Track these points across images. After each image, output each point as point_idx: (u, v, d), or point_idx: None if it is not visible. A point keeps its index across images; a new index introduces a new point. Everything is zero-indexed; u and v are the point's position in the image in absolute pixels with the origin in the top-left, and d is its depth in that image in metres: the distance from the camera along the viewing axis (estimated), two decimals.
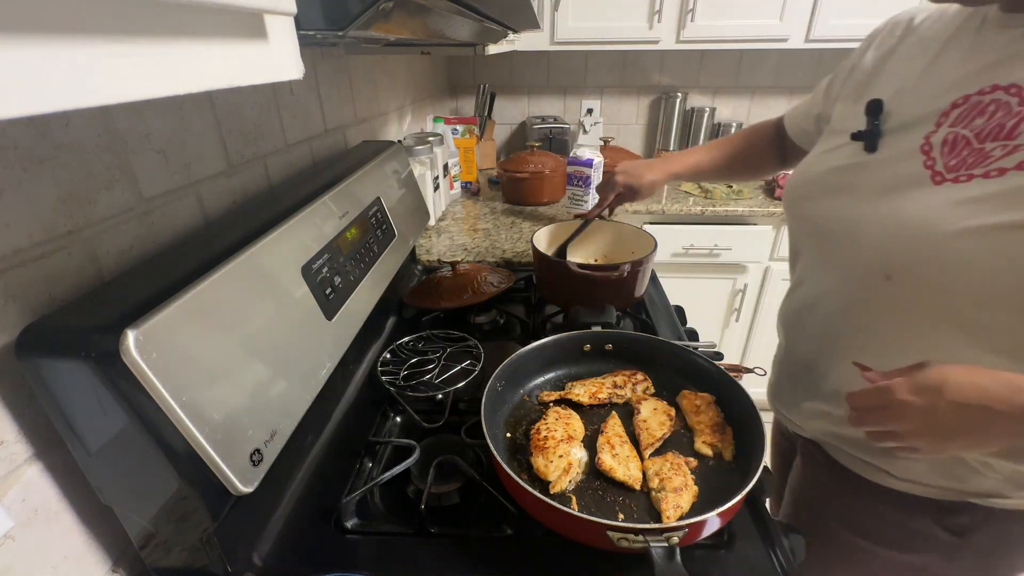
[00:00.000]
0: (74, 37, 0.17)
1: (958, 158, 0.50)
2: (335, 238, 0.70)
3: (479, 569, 0.55)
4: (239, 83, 0.25)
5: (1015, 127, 0.47)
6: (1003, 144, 0.47)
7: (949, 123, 0.52)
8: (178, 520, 0.47)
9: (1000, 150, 0.47)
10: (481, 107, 1.95)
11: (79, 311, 0.43)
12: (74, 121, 0.47)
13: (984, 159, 0.48)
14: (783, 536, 0.57)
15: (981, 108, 0.50)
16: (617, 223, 1.10)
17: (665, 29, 1.69)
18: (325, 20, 0.44)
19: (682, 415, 0.69)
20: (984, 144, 0.49)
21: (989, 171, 0.47)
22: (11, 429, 0.43)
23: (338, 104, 1.06)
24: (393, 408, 0.79)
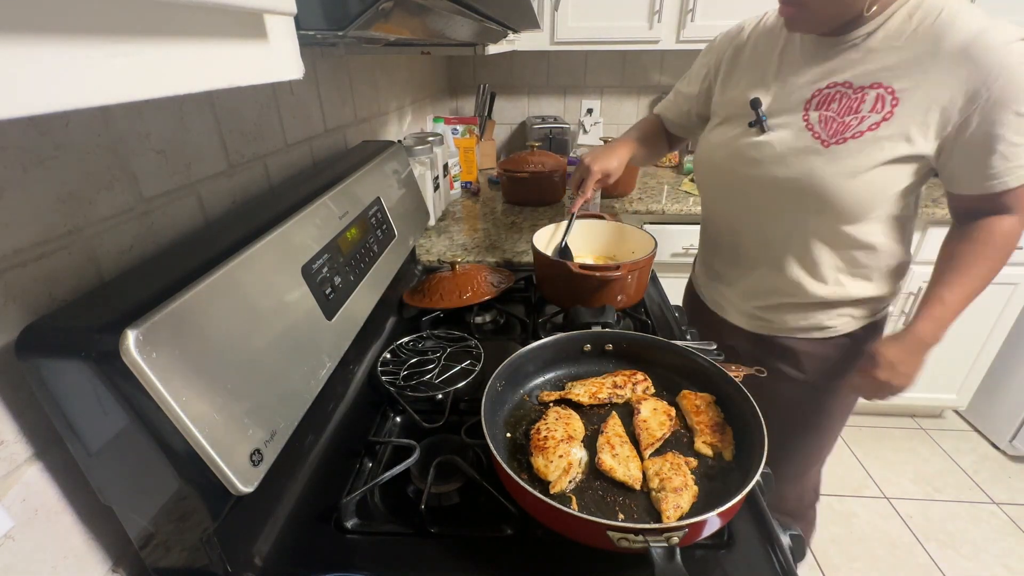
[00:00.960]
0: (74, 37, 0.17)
1: (832, 130, 0.77)
2: (335, 238, 0.70)
3: (479, 569, 0.55)
4: (239, 83, 0.25)
5: (857, 106, 0.76)
6: (855, 117, 0.76)
7: (814, 107, 0.79)
8: (178, 520, 0.47)
9: (855, 121, 0.76)
10: (481, 107, 1.95)
11: (79, 311, 0.43)
12: (74, 121, 0.47)
13: (847, 128, 0.76)
14: (783, 536, 0.57)
15: (831, 97, 0.78)
16: (617, 223, 1.10)
17: (665, 29, 1.69)
18: (325, 20, 0.44)
19: (682, 415, 0.69)
20: (844, 118, 0.77)
21: (855, 134, 0.76)
22: (11, 429, 0.43)
23: (338, 104, 1.06)
24: (393, 408, 0.79)
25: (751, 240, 0.92)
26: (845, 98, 0.76)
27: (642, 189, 1.82)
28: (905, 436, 2.01)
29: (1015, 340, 1.80)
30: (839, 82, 0.77)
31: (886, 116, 0.74)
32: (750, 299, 0.96)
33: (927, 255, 1.66)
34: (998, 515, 1.68)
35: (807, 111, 0.80)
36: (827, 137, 0.77)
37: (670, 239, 1.66)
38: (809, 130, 0.79)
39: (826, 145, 0.77)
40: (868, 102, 0.75)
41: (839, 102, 0.77)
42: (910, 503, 1.73)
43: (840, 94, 0.77)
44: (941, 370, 1.87)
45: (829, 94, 0.78)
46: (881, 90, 0.74)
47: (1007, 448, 1.89)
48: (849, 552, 1.56)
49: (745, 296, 0.97)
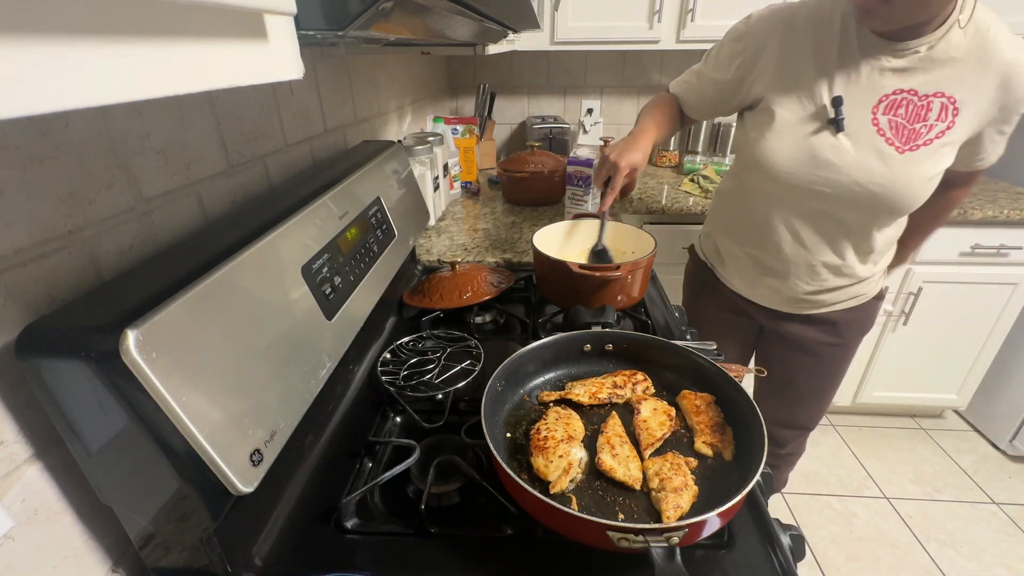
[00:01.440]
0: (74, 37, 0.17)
1: (903, 136, 0.81)
2: (335, 238, 0.70)
3: (479, 569, 0.55)
4: (239, 83, 0.25)
5: (925, 114, 0.80)
6: (923, 125, 0.80)
7: (882, 111, 0.81)
8: (178, 520, 0.47)
9: (924, 129, 0.80)
10: (481, 107, 1.95)
11: (79, 311, 0.43)
12: (74, 121, 0.47)
13: (918, 136, 0.81)
14: (783, 536, 0.57)
15: (898, 103, 0.81)
16: (617, 223, 1.10)
17: (665, 29, 1.69)
18: (325, 20, 0.44)
19: (682, 415, 0.69)
20: (913, 125, 0.80)
21: (925, 142, 0.81)
22: (11, 429, 0.43)
23: (338, 104, 1.06)
24: (393, 408, 0.79)
25: (812, 235, 0.93)
26: (912, 105, 0.80)
27: (642, 189, 1.82)
28: (905, 436, 2.01)
29: (1015, 340, 1.80)
30: (905, 89, 0.80)
31: (950, 125, 0.79)
32: (802, 287, 0.99)
33: (927, 255, 1.66)
34: (998, 515, 1.68)
35: (875, 115, 0.81)
36: (901, 144, 0.81)
37: (670, 239, 1.67)
38: (881, 135, 0.81)
39: (901, 152, 0.81)
40: (934, 111, 0.79)
41: (906, 108, 0.80)
42: (910, 503, 1.73)
43: (907, 101, 0.80)
44: (941, 370, 1.88)
45: (896, 100, 0.80)
46: (944, 99, 0.78)
47: (1007, 448, 1.89)
48: (849, 552, 1.57)
49: (796, 285, 0.99)
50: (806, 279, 0.97)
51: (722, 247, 1.10)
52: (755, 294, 1.07)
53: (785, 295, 1.02)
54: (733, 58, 0.94)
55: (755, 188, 0.97)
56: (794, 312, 1.04)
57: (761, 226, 0.98)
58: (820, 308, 1.02)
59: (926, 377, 1.90)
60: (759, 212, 0.98)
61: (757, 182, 0.96)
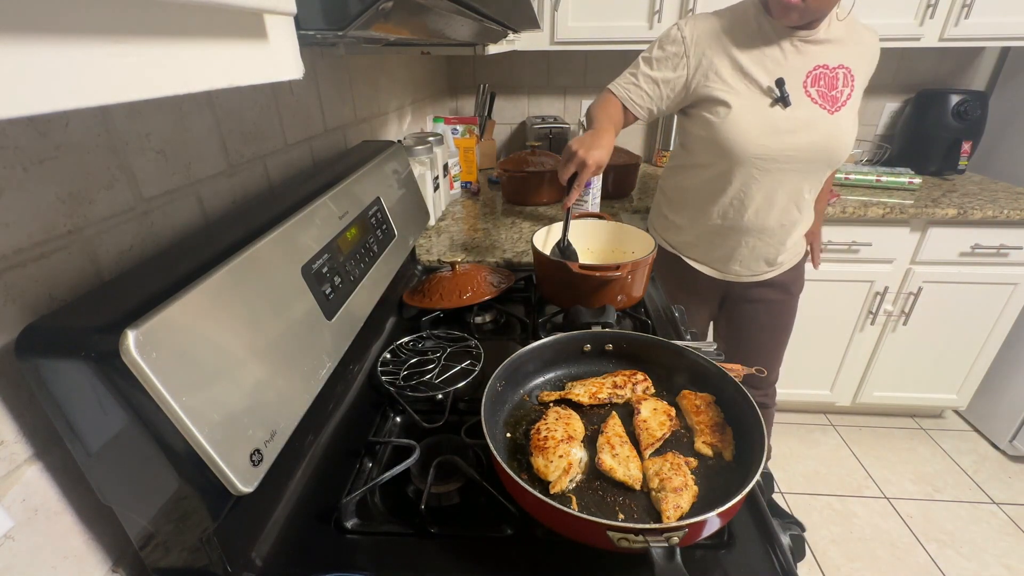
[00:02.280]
0: (74, 37, 0.17)
1: (828, 100, 1.03)
2: (335, 238, 0.70)
3: (479, 569, 0.55)
4: (239, 83, 0.25)
5: (835, 83, 1.03)
6: (836, 91, 1.04)
7: (810, 84, 1.02)
8: (178, 520, 0.47)
9: (839, 94, 1.04)
10: (481, 107, 1.95)
11: (79, 311, 0.43)
12: (74, 121, 0.47)
13: (837, 100, 1.04)
14: (783, 536, 0.57)
15: (817, 77, 1.03)
16: (617, 223, 1.10)
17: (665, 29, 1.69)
18: (325, 20, 0.44)
19: (682, 415, 0.69)
20: (831, 92, 1.03)
21: (842, 104, 1.04)
22: (11, 429, 0.43)
23: (338, 104, 1.06)
24: (393, 408, 0.79)
25: (780, 198, 1.10)
26: (826, 76, 1.03)
27: (642, 189, 1.82)
28: (905, 436, 2.01)
29: (1015, 340, 1.80)
30: (820, 64, 1.02)
31: (852, 88, 1.04)
32: (767, 250, 1.17)
33: (927, 255, 1.66)
34: (998, 515, 1.68)
35: (806, 88, 1.02)
36: (830, 107, 1.03)
37: None
38: (815, 103, 1.02)
39: (832, 113, 1.03)
40: (840, 79, 1.03)
41: (824, 80, 1.03)
42: (910, 503, 1.73)
43: (822, 74, 1.03)
44: (941, 370, 1.88)
45: (816, 74, 1.02)
46: (844, 70, 1.03)
47: (1007, 448, 1.89)
48: (849, 552, 1.57)
49: (763, 248, 1.16)
50: (775, 239, 1.15)
51: (692, 232, 1.23)
52: (728, 270, 1.23)
53: (760, 256, 1.18)
54: (679, 58, 1.07)
55: (725, 167, 1.09)
56: (759, 279, 1.23)
57: (738, 199, 1.12)
58: (779, 268, 1.23)
59: (926, 377, 1.90)
60: (734, 187, 1.11)
61: (727, 161, 1.08)
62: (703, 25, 1.06)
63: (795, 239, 1.18)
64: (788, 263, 1.23)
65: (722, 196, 1.12)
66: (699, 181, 1.16)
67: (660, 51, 1.08)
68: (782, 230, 1.14)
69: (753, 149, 1.04)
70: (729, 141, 1.05)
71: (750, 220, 1.12)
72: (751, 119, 1.03)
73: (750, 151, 1.04)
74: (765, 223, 1.13)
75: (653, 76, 1.09)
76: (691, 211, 1.20)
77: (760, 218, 1.12)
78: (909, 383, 1.91)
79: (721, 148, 1.06)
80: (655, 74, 1.09)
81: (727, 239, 1.18)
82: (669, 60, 1.08)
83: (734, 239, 1.17)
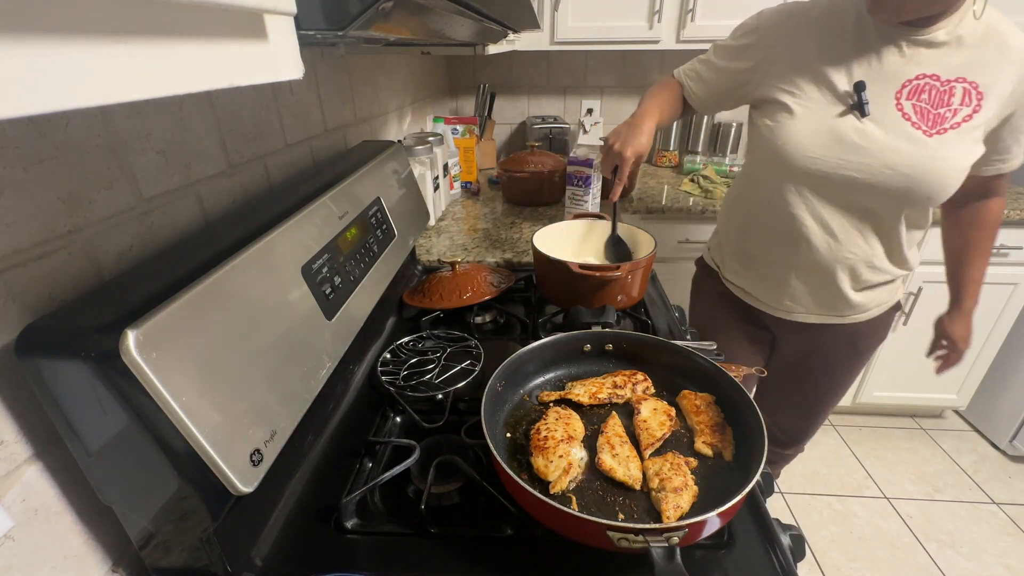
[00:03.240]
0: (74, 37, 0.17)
1: (929, 120, 0.80)
2: (335, 238, 0.70)
3: (479, 569, 0.55)
4: (239, 83, 0.25)
5: (948, 99, 0.79)
6: (947, 109, 0.79)
7: (905, 96, 0.81)
8: (178, 520, 0.47)
9: (948, 113, 0.79)
10: (481, 107, 1.95)
11: (79, 311, 0.43)
12: (74, 121, 0.47)
13: (943, 120, 0.80)
14: (783, 536, 0.57)
15: (920, 88, 0.80)
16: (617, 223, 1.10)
17: (665, 29, 1.69)
18: (325, 20, 0.44)
19: (682, 415, 0.69)
20: (938, 110, 0.80)
21: (953, 125, 0.80)
22: (11, 429, 0.43)
23: (338, 104, 1.06)
24: (393, 408, 0.79)
25: (843, 231, 0.90)
26: (934, 90, 0.79)
27: (642, 189, 1.82)
28: (905, 436, 2.01)
29: (1015, 340, 1.80)
30: (928, 74, 0.79)
31: (975, 110, 0.79)
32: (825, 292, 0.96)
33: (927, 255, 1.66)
34: (998, 515, 1.68)
35: (899, 100, 0.81)
36: (928, 128, 0.80)
37: (667, 234, 1.67)
38: (907, 120, 0.81)
39: (929, 135, 0.80)
40: (957, 96, 0.79)
41: (929, 94, 0.79)
42: (910, 503, 1.73)
43: (929, 86, 0.79)
44: None
45: (919, 85, 0.80)
46: (966, 85, 0.78)
47: (1007, 448, 1.89)
48: (849, 552, 1.57)
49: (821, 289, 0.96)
50: (841, 275, 0.93)
51: (741, 254, 1.06)
52: (778, 305, 1.03)
53: (818, 297, 0.97)
54: (746, 49, 0.93)
55: (777, 183, 0.94)
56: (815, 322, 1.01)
57: (788, 222, 0.94)
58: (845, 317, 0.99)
59: (926, 377, 1.89)
60: (783, 207, 0.94)
61: (779, 175, 0.93)
62: (785, 15, 0.90)
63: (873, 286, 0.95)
64: (860, 313, 0.99)
65: (772, 217, 0.96)
66: (753, 196, 1.01)
67: (732, 39, 0.96)
68: (846, 271, 0.93)
69: (801, 161, 0.86)
70: (778, 148, 0.89)
71: (804, 252, 0.93)
72: (810, 126, 0.85)
73: (798, 163, 0.87)
74: (821, 258, 0.92)
75: (717, 64, 0.98)
76: (741, 230, 1.05)
77: (815, 251, 0.92)
78: (909, 383, 1.91)
79: (772, 158, 0.91)
80: (720, 63, 0.97)
81: (774, 268, 1.00)
82: (737, 50, 0.95)
83: (782, 270, 0.99)
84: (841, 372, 1.10)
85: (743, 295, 1.07)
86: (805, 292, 0.98)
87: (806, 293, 0.98)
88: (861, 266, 0.92)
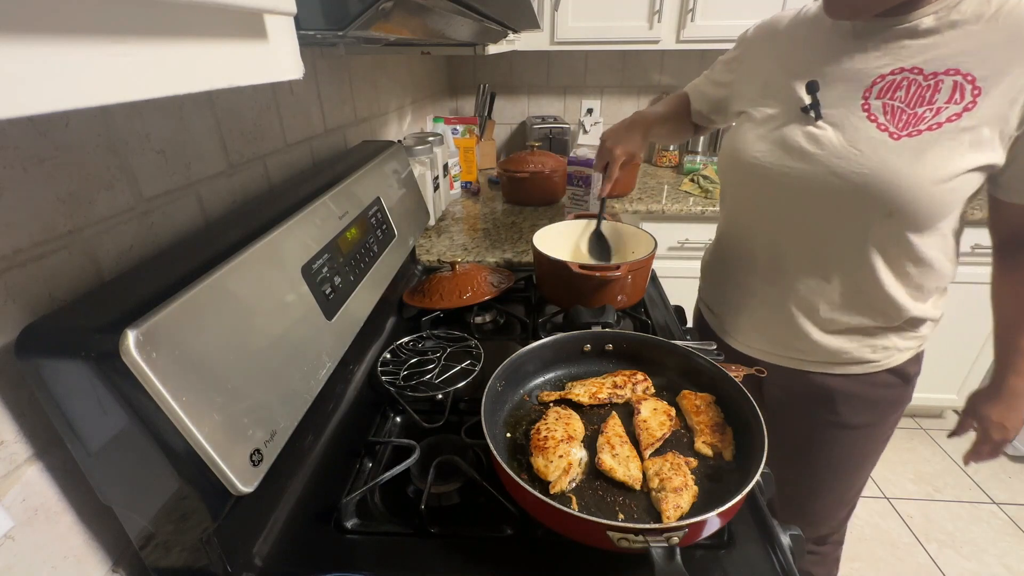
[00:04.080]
0: (75, 37, 0.17)
1: (903, 121, 0.67)
2: (335, 238, 0.70)
3: (479, 569, 0.55)
4: (239, 83, 0.25)
5: (931, 96, 0.66)
6: (928, 108, 0.66)
7: (875, 96, 0.69)
8: (178, 520, 0.47)
9: (929, 112, 0.66)
10: (481, 107, 1.95)
11: (79, 311, 0.43)
12: (74, 121, 0.47)
13: (919, 120, 0.67)
14: (783, 536, 0.57)
15: (896, 84, 0.68)
16: (617, 223, 1.10)
17: (665, 29, 1.69)
18: (325, 20, 0.44)
19: (682, 415, 0.69)
20: (915, 110, 0.67)
21: (931, 126, 0.66)
22: (11, 429, 0.43)
23: (338, 104, 1.06)
24: (393, 408, 0.79)
25: (794, 250, 0.79)
26: (915, 86, 0.67)
27: (642, 189, 1.82)
28: (905, 436, 2.01)
29: None
30: (906, 67, 0.67)
31: (968, 106, 0.64)
32: (783, 326, 0.83)
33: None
34: (998, 515, 1.68)
35: (867, 99, 0.70)
36: (896, 129, 0.67)
37: (666, 234, 1.67)
38: (872, 120, 0.69)
39: (896, 138, 0.67)
40: (944, 91, 0.65)
41: (907, 90, 0.67)
42: (910, 503, 1.73)
43: (909, 81, 0.67)
44: (941, 370, 1.87)
45: (895, 81, 0.68)
46: (959, 77, 0.65)
47: (1007, 448, 1.89)
48: (849, 552, 1.56)
49: (777, 322, 0.84)
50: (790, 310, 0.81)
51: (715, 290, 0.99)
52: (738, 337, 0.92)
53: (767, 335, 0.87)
54: (732, 62, 0.91)
55: (730, 200, 0.89)
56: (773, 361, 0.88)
57: (732, 243, 0.88)
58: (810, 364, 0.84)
59: (926, 377, 1.89)
60: (731, 227, 0.89)
61: (730, 191, 0.89)
62: (763, 28, 0.86)
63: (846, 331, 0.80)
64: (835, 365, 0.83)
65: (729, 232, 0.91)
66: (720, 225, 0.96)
67: (729, 52, 0.93)
68: (802, 304, 0.80)
69: (746, 168, 0.80)
70: (728, 152, 0.84)
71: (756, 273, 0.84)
72: (760, 131, 0.79)
73: (743, 170, 0.81)
74: (772, 283, 0.82)
75: (713, 79, 0.96)
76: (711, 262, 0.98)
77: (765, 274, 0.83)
78: None
79: (725, 166, 0.86)
80: (714, 75, 0.95)
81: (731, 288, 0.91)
82: (727, 63, 0.92)
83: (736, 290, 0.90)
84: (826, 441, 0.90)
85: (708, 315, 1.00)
86: (761, 320, 0.87)
87: (762, 321, 0.87)
88: (819, 300, 0.78)
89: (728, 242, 0.92)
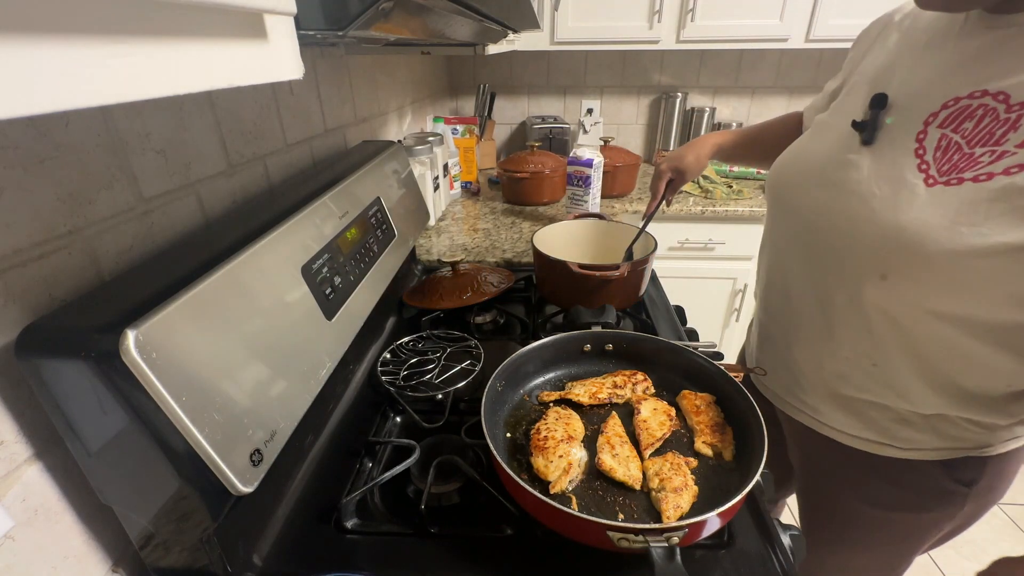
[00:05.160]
0: (74, 37, 0.17)
1: (950, 163, 0.51)
2: (335, 238, 0.70)
3: (479, 569, 0.55)
4: (239, 83, 0.25)
5: (1003, 134, 0.48)
6: (991, 150, 0.49)
7: (938, 123, 0.53)
8: (178, 520, 0.47)
9: (988, 156, 0.49)
10: (481, 107, 1.95)
11: (79, 311, 0.43)
12: (74, 121, 0.47)
13: (974, 164, 0.50)
14: (783, 536, 0.57)
15: (970, 112, 0.51)
16: (617, 223, 1.10)
17: (665, 29, 1.69)
18: (325, 20, 0.44)
19: (682, 415, 0.69)
20: (974, 150, 0.50)
21: (978, 175, 0.49)
22: (11, 429, 0.43)
23: (338, 104, 1.06)
24: (393, 408, 0.79)
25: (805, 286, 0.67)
26: (990, 117, 0.49)
27: (642, 189, 1.82)
28: None
29: None
30: (991, 91, 0.50)
31: None
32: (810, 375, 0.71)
33: None
34: (998, 515, 1.68)
35: (927, 127, 0.54)
36: (936, 173, 0.52)
37: (666, 234, 1.67)
38: (917, 156, 0.54)
39: (930, 184, 0.51)
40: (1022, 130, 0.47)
41: (977, 121, 0.50)
42: None
43: (985, 110, 0.50)
44: None
45: (968, 108, 0.51)
46: None
47: None
48: None
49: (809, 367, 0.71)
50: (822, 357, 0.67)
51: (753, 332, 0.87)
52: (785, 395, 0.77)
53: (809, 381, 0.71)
54: (845, 64, 0.75)
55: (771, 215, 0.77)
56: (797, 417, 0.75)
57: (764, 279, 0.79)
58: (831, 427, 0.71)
59: None
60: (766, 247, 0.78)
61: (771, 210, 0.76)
62: (889, 12, 0.67)
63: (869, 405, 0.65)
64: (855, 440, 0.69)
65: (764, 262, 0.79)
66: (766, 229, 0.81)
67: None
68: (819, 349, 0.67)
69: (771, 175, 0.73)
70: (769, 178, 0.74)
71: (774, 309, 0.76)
72: (803, 140, 0.70)
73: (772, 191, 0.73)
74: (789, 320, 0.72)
75: (827, 89, 0.78)
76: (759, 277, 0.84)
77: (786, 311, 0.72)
78: None
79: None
80: (829, 86, 0.78)
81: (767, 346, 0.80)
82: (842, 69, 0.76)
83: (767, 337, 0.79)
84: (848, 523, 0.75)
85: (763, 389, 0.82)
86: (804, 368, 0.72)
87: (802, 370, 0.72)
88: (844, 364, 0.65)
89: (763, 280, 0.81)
